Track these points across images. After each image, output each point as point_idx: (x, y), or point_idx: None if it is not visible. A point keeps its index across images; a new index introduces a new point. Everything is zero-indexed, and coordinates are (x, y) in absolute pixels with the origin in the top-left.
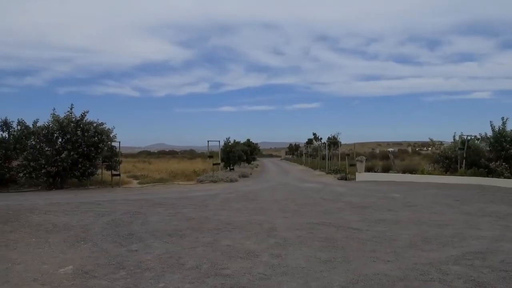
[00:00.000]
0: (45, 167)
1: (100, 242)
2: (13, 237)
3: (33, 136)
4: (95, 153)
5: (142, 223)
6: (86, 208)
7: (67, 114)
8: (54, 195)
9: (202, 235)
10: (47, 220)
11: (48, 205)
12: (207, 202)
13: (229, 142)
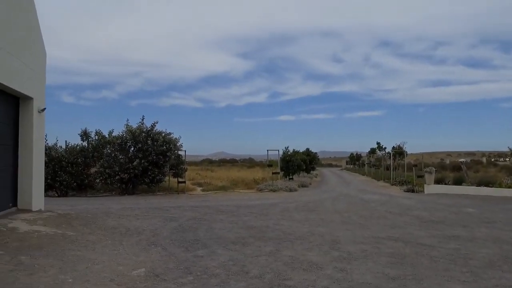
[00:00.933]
0: (119, 174)
1: (168, 247)
2: (92, 239)
3: (108, 145)
4: (163, 161)
5: (206, 230)
6: (155, 213)
7: (139, 125)
8: (126, 200)
9: (264, 244)
10: (121, 224)
11: (121, 209)
12: (267, 211)
13: (288, 151)
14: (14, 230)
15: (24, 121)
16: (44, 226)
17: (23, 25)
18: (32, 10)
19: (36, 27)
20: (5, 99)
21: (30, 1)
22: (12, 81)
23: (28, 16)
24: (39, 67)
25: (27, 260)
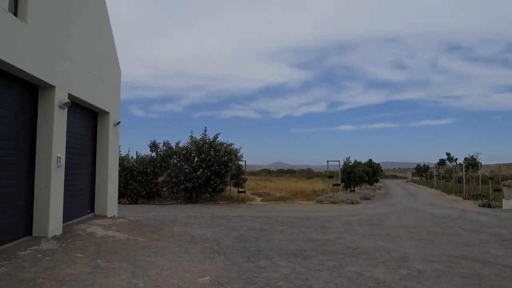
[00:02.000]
0: (184, 183)
1: (231, 256)
2: (160, 245)
3: (175, 155)
4: (224, 171)
5: (267, 240)
6: (217, 222)
7: (202, 136)
8: (190, 208)
9: (326, 258)
10: (187, 231)
11: (186, 217)
12: (328, 223)
13: (349, 162)
14: (91, 235)
15: (101, 133)
16: (117, 232)
17: (101, 47)
18: (109, 32)
19: (112, 47)
20: (86, 114)
21: (107, 25)
22: (92, 97)
23: (105, 38)
24: (115, 83)
25: (103, 263)
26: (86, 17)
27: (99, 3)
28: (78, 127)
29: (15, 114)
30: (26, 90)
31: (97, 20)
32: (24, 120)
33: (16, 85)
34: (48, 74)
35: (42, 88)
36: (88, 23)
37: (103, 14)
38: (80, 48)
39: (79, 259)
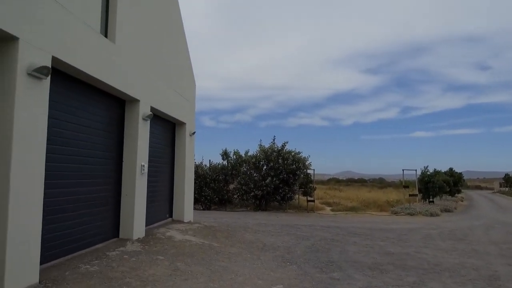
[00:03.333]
0: (254, 190)
1: (303, 265)
2: (233, 251)
3: (244, 163)
4: (293, 179)
5: (340, 252)
6: (287, 230)
7: (271, 145)
8: (260, 215)
9: (405, 273)
10: (258, 238)
11: (257, 225)
12: (405, 236)
13: (427, 171)
14: (170, 239)
15: (178, 143)
16: (194, 236)
17: (179, 62)
18: (185, 47)
19: (188, 62)
20: (165, 125)
21: (183, 41)
22: (170, 110)
23: (182, 54)
24: (190, 96)
25: (182, 266)
26: (165, 35)
27: (176, 20)
28: (159, 137)
29: (105, 126)
30: (114, 104)
31: (175, 37)
32: (112, 131)
33: (106, 100)
34: (133, 89)
35: (128, 102)
36: (167, 40)
37: (180, 31)
38: (161, 63)
39: (160, 261)
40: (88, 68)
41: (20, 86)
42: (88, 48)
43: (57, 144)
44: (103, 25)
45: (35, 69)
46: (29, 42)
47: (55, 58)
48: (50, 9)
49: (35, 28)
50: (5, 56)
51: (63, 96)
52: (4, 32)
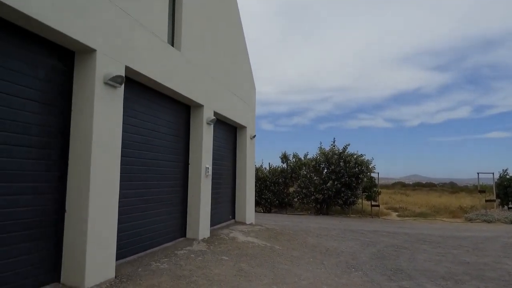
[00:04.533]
0: (314, 194)
1: (369, 272)
2: (296, 254)
3: (304, 166)
4: (355, 183)
5: (409, 259)
6: (351, 235)
7: (331, 147)
8: (321, 220)
9: (483, 285)
10: (320, 243)
11: (318, 229)
12: (482, 245)
13: (507, 175)
14: (234, 240)
15: (239, 146)
16: (256, 238)
17: (240, 67)
18: (246, 53)
19: (248, 67)
20: (227, 129)
21: (244, 47)
22: (232, 114)
23: (243, 59)
24: (251, 100)
25: (246, 267)
26: (227, 41)
27: (237, 26)
28: (221, 140)
29: (172, 130)
30: (181, 109)
31: (235, 42)
32: (179, 135)
33: (173, 105)
34: (198, 94)
35: (193, 107)
36: (228, 45)
37: (240, 36)
38: (222, 69)
39: (225, 262)
40: (157, 75)
41: (98, 94)
42: (156, 57)
43: (129, 148)
44: (169, 35)
45: (110, 78)
46: (105, 53)
47: (127, 68)
48: (123, 22)
49: (110, 40)
50: (84, 66)
51: (134, 103)
52: (83, 45)
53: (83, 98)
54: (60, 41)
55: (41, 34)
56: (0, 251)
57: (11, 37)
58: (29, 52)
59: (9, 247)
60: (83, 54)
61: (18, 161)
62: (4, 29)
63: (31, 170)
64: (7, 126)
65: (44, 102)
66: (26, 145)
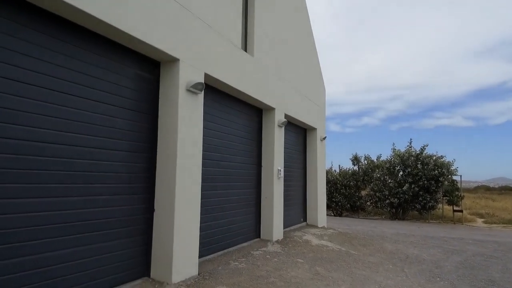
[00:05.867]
0: (389, 198)
1: (457, 283)
2: (373, 260)
3: (377, 169)
4: (435, 186)
5: (501, 270)
6: (432, 242)
7: (407, 148)
8: (397, 225)
9: None
10: (399, 249)
11: (395, 234)
12: None
13: None
14: (307, 243)
15: (310, 148)
16: (329, 242)
17: (310, 68)
18: (315, 54)
19: (318, 68)
20: (297, 131)
21: (313, 48)
22: (302, 116)
23: (313, 60)
24: (320, 102)
25: (322, 271)
26: (297, 43)
27: (306, 28)
28: (291, 143)
29: (246, 133)
30: (253, 113)
31: (305, 44)
32: (252, 138)
33: (246, 109)
34: (270, 97)
35: (265, 110)
36: (298, 48)
37: (309, 38)
38: (293, 71)
39: (300, 264)
40: (231, 80)
41: (181, 101)
42: (231, 63)
43: (208, 151)
44: (242, 40)
45: (192, 85)
46: (187, 62)
47: (206, 74)
48: (202, 31)
49: (192, 49)
50: (169, 75)
51: (211, 108)
52: (169, 55)
53: (168, 105)
54: (148, 52)
55: (132, 47)
56: (98, 247)
57: (105, 51)
58: (122, 64)
59: (106, 243)
60: (167, 64)
61: (113, 164)
62: (101, 45)
63: (124, 172)
64: (103, 132)
65: (134, 109)
66: (119, 149)
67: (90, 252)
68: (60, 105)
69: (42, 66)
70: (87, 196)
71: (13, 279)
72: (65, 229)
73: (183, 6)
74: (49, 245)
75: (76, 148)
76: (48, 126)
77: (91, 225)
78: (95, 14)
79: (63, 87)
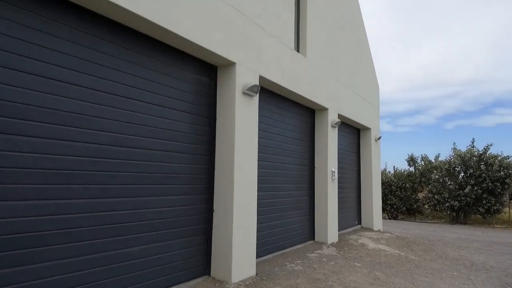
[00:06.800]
0: (448, 200)
1: None
2: (435, 267)
3: (435, 170)
4: (500, 189)
5: None
6: (499, 249)
7: (469, 149)
8: (458, 229)
9: None
10: (462, 255)
11: (457, 239)
12: None
13: None
14: (364, 246)
15: (363, 149)
16: (387, 246)
17: (363, 66)
18: (368, 51)
19: (371, 66)
20: (350, 131)
21: (366, 45)
22: (356, 115)
23: (366, 58)
24: (374, 100)
25: (381, 276)
26: (349, 41)
27: (359, 25)
28: (344, 143)
29: (298, 134)
30: (305, 113)
31: (358, 42)
32: (304, 139)
33: (298, 110)
34: (322, 97)
35: (317, 110)
36: (351, 45)
37: (362, 35)
38: (346, 69)
39: (358, 268)
40: (284, 82)
41: (238, 103)
42: (284, 64)
43: (262, 152)
44: (295, 41)
45: (248, 88)
46: (243, 65)
47: (260, 77)
48: (257, 34)
49: (247, 52)
50: (226, 79)
51: (265, 109)
52: (226, 59)
53: (225, 108)
54: (206, 57)
55: (191, 52)
56: (162, 245)
57: (167, 58)
58: (182, 70)
59: (170, 241)
60: (224, 68)
61: (176, 166)
62: (163, 52)
63: (185, 173)
64: (168, 135)
65: (194, 113)
66: (182, 151)
67: (156, 250)
68: (131, 111)
69: (114, 75)
70: (153, 196)
71: (84, 275)
72: (134, 227)
73: (238, 10)
74: (118, 243)
75: (144, 151)
76: (121, 131)
77: (156, 224)
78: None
79: (134, 94)
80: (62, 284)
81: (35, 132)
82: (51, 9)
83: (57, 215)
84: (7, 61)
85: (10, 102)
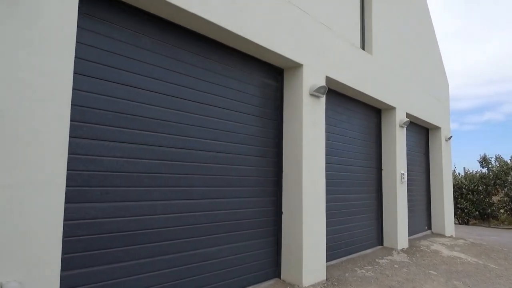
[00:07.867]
0: None
1: None
2: None
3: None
4: None
5: None
6: None
7: None
8: None
9: None
10: None
11: None
12: None
13: None
14: (437, 253)
15: (433, 149)
16: (462, 254)
17: (431, 63)
18: (437, 47)
19: (440, 62)
20: (418, 131)
21: (434, 40)
22: (424, 114)
23: (434, 54)
24: (444, 98)
25: (460, 286)
26: (417, 37)
27: (426, 21)
28: (413, 144)
29: (364, 135)
30: (371, 113)
31: (425, 38)
32: (370, 140)
33: (363, 110)
34: (389, 96)
35: (384, 110)
36: (419, 42)
37: (430, 30)
38: (413, 67)
39: (434, 277)
40: (351, 81)
41: (305, 105)
42: (350, 63)
43: (329, 154)
44: (361, 39)
45: (315, 89)
46: (309, 66)
47: (327, 77)
48: (322, 34)
49: (313, 53)
50: (292, 81)
51: (331, 110)
52: (292, 61)
53: (292, 110)
54: (273, 60)
55: (258, 56)
56: (234, 246)
57: (235, 62)
58: (250, 73)
59: (241, 243)
60: (291, 70)
61: (246, 168)
62: (232, 57)
63: (254, 176)
64: (238, 139)
65: (262, 116)
66: (251, 154)
67: (229, 251)
68: (202, 115)
69: (185, 80)
70: (224, 198)
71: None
72: (210, 228)
73: (303, 10)
74: (196, 243)
75: (217, 154)
76: (193, 134)
77: (228, 226)
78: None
79: (204, 98)
80: (145, 283)
81: (126, 138)
82: (135, 20)
83: (141, 216)
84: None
85: (100, 110)
